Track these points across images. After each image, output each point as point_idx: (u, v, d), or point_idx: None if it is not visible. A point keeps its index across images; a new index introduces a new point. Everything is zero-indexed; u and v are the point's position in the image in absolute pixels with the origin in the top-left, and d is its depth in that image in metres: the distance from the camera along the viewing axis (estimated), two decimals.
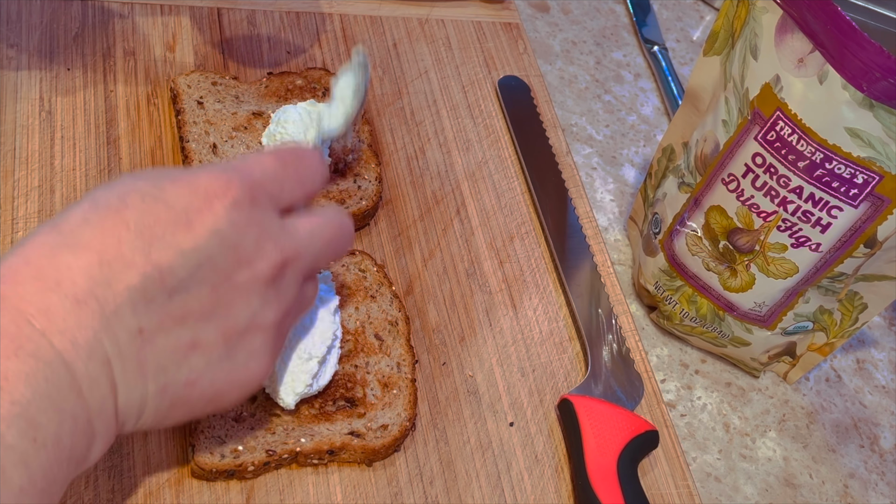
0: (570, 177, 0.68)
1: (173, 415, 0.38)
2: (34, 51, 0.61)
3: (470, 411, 0.54)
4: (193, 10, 0.67)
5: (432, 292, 0.59)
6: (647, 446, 0.53)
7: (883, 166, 0.49)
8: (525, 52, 0.76)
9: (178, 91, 0.60)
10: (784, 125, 0.51)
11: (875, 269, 0.56)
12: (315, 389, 0.49)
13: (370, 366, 0.52)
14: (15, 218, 0.53)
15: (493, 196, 0.65)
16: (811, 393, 0.65)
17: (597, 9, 0.88)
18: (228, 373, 0.39)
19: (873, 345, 0.70)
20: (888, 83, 0.46)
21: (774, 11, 0.51)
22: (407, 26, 0.74)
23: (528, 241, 0.63)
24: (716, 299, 0.59)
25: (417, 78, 0.71)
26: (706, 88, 0.59)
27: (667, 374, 0.63)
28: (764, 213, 0.54)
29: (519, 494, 0.51)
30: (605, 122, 0.78)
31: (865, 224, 0.52)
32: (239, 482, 0.47)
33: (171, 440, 0.48)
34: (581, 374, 0.58)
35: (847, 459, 0.62)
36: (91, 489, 0.45)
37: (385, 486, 0.50)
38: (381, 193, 0.60)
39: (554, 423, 0.55)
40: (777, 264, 0.55)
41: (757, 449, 0.61)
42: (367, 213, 0.59)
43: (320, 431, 0.49)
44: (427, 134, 0.67)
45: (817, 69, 0.49)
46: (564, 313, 0.60)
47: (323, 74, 0.65)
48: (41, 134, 0.57)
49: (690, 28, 0.89)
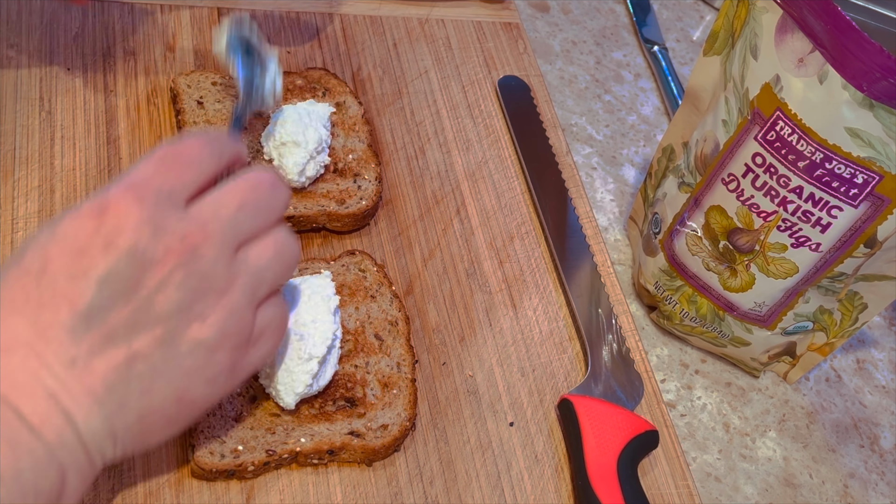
0: (570, 177, 0.68)
1: (153, 429, 0.39)
2: (34, 51, 0.61)
3: (470, 411, 0.54)
4: (193, 10, 0.67)
5: (432, 292, 0.59)
6: (647, 446, 0.53)
7: (883, 166, 0.49)
8: (525, 52, 0.76)
9: (178, 91, 0.60)
10: (784, 125, 0.51)
11: (875, 269, 0.56)
12: (315, 389, 0.49)
13: (370, 366, 0.52)
14: (15, 218, 0.53)
15: (493, 196, 0.65)
16: (811, 393, 0.65)
17: (597, 9, 0.88)
18: (181, 369, 0.38)
19: (873, 345, 0.70)
20: (888, 83, 0.46)
21: (774, 11, 0.51)
22: (407, 26, 0.74)
23: (528, 241, 0.63)
24: (716, 299, 0.59)
25: (417, 78, 0.71)
26: (706, 88, 0.59)
27: (667, 374, 0.63)
28: (764, 213, 0.54)
29: (519, 494, 0.51)
30: (605, 122, 0.78)
31: (865, 224, 0.52)
32: (239, 482, 0.47)
33: (170, 440, 0.48)
34: (581, 374, 0.58)
35: (847, 459, 0.62)
36: (91, 489, 0.45)
37: (385, 486, 0.50)
38: (381, 193, 0.60)
39: (554, 423, 0.55)
40: (777, 264, 0.55)
41: (757, 449, 0.61)
42: (367, 213, 0.59)
43: (320, 431, 0.49)
44: (427, 134, 0.67)
45: (817, 69, 0.49)
46: (564, 313, 0.60)
47: (323, 74, 0.65)
48: (41, 134, 0.57)
49: (690, 28, 0.89)
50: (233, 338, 0.40)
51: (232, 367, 0.41)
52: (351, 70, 0.69)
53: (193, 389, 0.39)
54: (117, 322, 0.37)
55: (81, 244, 0.37)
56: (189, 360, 0.39)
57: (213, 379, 0.40)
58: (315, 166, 0.58)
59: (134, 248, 0.37)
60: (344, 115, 0.63)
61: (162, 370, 0.38)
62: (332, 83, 0.65)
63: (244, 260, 0.41)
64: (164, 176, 0.39)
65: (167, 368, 0.38)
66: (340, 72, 0.68)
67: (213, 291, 0.39)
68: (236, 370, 0.41)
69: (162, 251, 0.38)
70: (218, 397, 0.41)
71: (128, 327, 0.37)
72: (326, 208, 0.58)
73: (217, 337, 0.39)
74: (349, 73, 0.69)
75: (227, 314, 0.40)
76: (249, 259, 0.41)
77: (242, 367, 0.42)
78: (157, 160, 0.40)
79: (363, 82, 0.69)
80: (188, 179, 0.40)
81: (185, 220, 0.39)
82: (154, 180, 0.39)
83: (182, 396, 0.39)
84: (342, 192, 0.59)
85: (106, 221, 0.37)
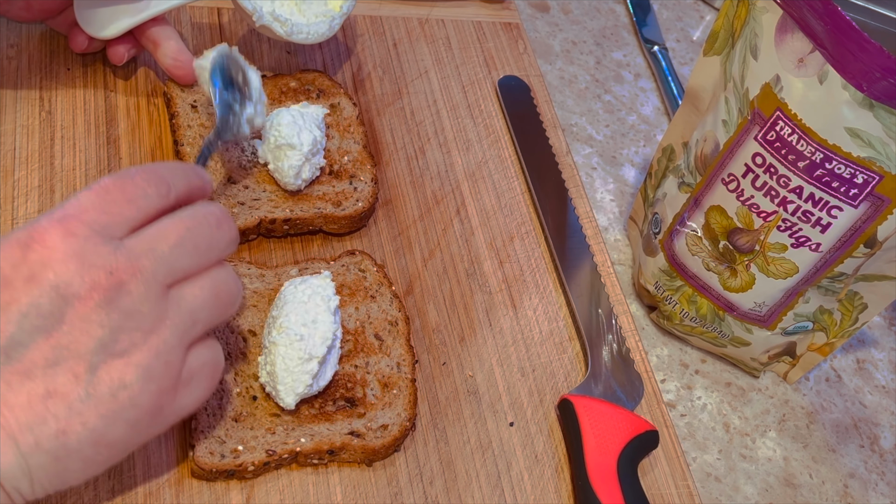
0: (570, 177, 0.68)
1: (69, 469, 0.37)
2: (34, 51, 0.61)
3: (470, 411, 0.54)
4: (193, 10, 0.67)
5: (432, 292, 0.59)
6: (647, 446, 0.53)
7: (883, 166, 0.49)
8: (525, 52, 0.76)
9: (172, 95, 0.60)
10: (784, 125, 0.51)
11: (875, 269, 0.56)
12: (315, 389, 0.49)
13: (370, 366, 0.52)
14: (15, 218, 0.53)
15: (493, 196, 0.65)
16: (811, 393, 0.65)
17: (597, 9, 0.88)
18: (100, 410, 0.37)
19: (873, 345, 0.70)
20: (888, 83, 0.46)
21: (774, 11, 0.51)
22: (407, 26, 0.74)
23: (528, 241, 0.63)
24: (716, 299, 0.59)
25: (417, 78, 0.71)
26: (706, 88, 0.59)
27: (667, 374, 0.63)
28: (764, 213, 0.54)
29: (519, 494, 0.51)
30: (605, 122, 0.78)
31: (865, 224, 0.52)
32: (239, 482, 0.47)
33: (171, 440, 0.48)
34: (581, 374, 0.58)
35: (847, 459, 0.62)
36: (91, 489, 0.45)
37: (385, 486, 0.50)
38: (377, 194, 0.60)
39: (554, 423, 0.55)
40: (777, 264, 0.55)
41: (757, 449, 0.61)
42: (363, 215, 0.59)
43: (320, 431, 0.49)
44: (427, 134, 0.67)
45: (817, 69, 0.49)
46: (564, 313, 0.60)
47: (317, 76, 0.65)
48: (41, 134, 0.57)
49: (690, 28, 0.89)
50: (158, 380, 0.38)
51: (157, 410, 0.39)
52: (351, 70, 0.69)
53: (113, 432, 0.38)
54: (36, 358, 0.36)
55: (6, 276, 0.36)
56: (109, 402, 0.37)
57: (135, 422, 0.38)
58: (311, 168, 0.58)
59: (57, 283, 0.36)
60: (338, 117, 0.63)
61: (79, 410, 0.36)
62: (326, 84, 0.65)
63: (177, 299, 0.39)
64: (100, 210, 0.38)
65: (85, 409, 0.36)
66: (340, 72, 0.68)
67: (139, 330, 0.38)
68: (162, 414, 0.39)
69: (87, 286, 0.36)
70: (140, 441, 0.39)
71: (47, 364, 0.36)
72: (323, 210, 0.58)
73: (141, 378, 0.38)
74: (349, 74, 0.69)
75: (154, 354, 0.38)
76: (183, 298, 0.39)
77: (170, 410, 0.40)
78: (97, 192, 0.39)
79: (363, 82, 0.69)
80: (128, 215, 0.39)
81: (116, 254, 0.37)
82: (89, 213, 0.38)
83: (99, 440, 0.37)
84: (338, 194, 0.59)
85: (31, 254, 0.36)
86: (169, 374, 0.39)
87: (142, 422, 0.38)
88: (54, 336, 0.36)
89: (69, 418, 0.36)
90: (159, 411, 0.39)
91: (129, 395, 0.37)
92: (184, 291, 0.40)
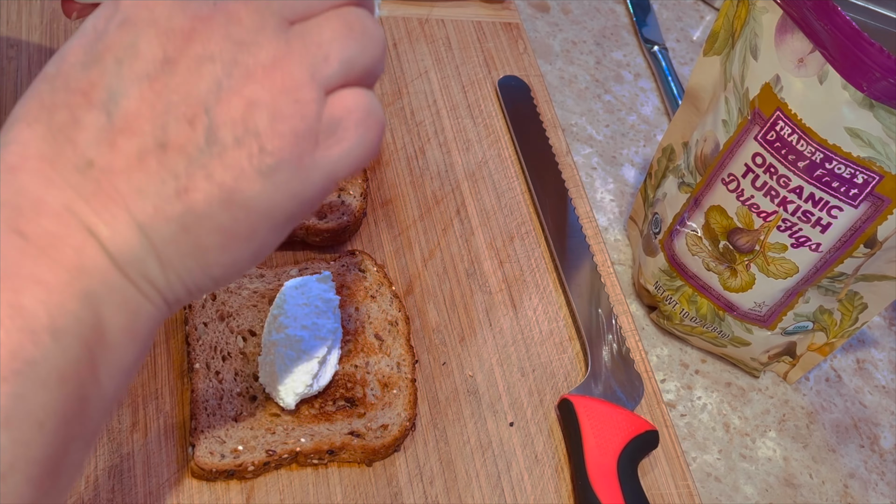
0: (570, 177, 0.68)
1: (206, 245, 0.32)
2: (34, 51, 0.61)
3: (470, 411, 0.54)
4: None
5: (432, 292, 0.59)
6: (647, 446, 0.53)
7: (883, 166, 0.49)
8: (525, 52, 0.76)
9: None
10: (784, 125, 0.51)
11: (875, 269, 0.56)
12: (315, 389, 0.49)
13: (370, 366, 0.52)
14: None
15: (493, 196, 0.65)
16: (811, 393, 0.65)
17: (597, 9, 0.88)
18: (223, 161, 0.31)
19: (873, 345, 0.70)
20: (888, 83, 0.46)
21: (774, 11, 0.51)
22: (407, 26, 0.74)
23: (528, 241, 0.63)
24: (716, 299, 0.59)
25: (417, 78, 0.71)
26: (706, 88, 0.59)
27: (667, 374, 0.63)
28: (764, 213, 0.54)
29: (519, 494, 0.51)
30: (605, 122, 0.78)
31: (865, 224, 0.52)
32: (239, 482, 0.47)
33: (171, 440, 0.48)
34: (581, 374, 0.58)
35: (847, 459, 0.62)
36: (91, 489, 0.45)
37: (385, 486, 0.50)
38: (364, 209, 0.59)
39: (554, 423, 0.55)
40: (777, 264, 0.55)
41: (757, 449, 0.61)
42: (346, 229, 0.57)
43: (320, 431, 0.49)
44: (427, 134, 0.67)
45: (817, 69, 0.49)
46: (564, 313, 0.60)
47: None
48: None
49: (690, 28, 0.89)
50: (289, 120, 0.32)
51: (295, 159, 0.32)
52: None
53: (246, 187, 0.31)
54: (140, 108, 0.30)
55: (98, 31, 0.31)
56: (234, 150, 0.31)
57: (270, 173, 0.31)
58: None
59: (154, 19, 0.31)
60: None
61: (202, 162, 0.31)
62: None
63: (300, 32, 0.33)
64: None
65: (207, 160, 0.31)
66: None
67: (258, 64, 0.31)
68: (303, 166, 0.32)
69: (189, 20, 0.31)
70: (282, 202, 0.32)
71: (153, 114, 0.30)
72: (305, 221, 0.56)
73: (267, 118, 0.31)
74: None
75: (279, 90, 0.31)
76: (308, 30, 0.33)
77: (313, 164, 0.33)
78: None
79: None
80: None
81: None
82: None
83: (231, 197, 0.31)
84: (324, 205, 0.57)
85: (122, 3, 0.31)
86: (302, 114, 0.32)
87: (279, 172, 0.32)
88: (160, 80, 0.30)
89: (190, 173, 0.30)
90: (298, 161, 0.32)
91: (256, 139, 0.31)
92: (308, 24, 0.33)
